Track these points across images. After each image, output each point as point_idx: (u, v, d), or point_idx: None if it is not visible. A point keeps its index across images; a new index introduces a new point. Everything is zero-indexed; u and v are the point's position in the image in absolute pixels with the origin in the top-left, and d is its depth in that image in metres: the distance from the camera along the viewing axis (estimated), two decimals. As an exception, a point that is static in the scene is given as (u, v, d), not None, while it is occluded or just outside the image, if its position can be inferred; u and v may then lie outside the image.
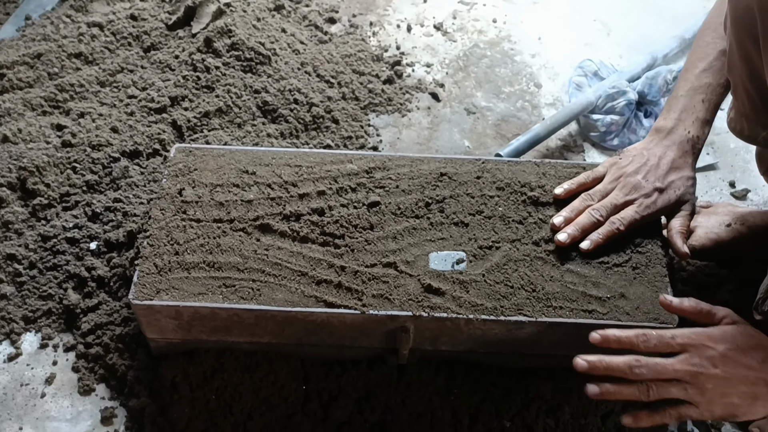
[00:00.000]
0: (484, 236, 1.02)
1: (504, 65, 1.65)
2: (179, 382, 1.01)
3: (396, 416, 1.01)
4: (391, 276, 0.98)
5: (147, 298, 0.95)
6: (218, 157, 1.11)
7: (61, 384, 1.06)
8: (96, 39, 1.49)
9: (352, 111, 1.45)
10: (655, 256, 1.02)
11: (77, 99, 1.39)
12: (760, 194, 1.41)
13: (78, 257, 1.16)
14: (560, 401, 1.02)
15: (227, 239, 1.01)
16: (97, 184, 1.25)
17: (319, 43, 1.59)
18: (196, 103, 1.37)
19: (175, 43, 1.49)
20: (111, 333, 1.08)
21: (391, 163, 1.12)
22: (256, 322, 0.96)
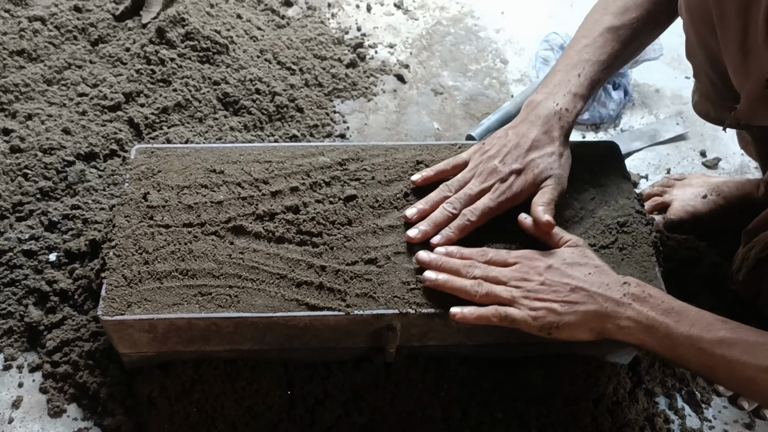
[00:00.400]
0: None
1: (468, 42, 1.61)
2: (156, 397, 0.96)
3: (385, 416, 0.98)
4: (374, 273, 0.94)
5: (117, 313, 0.89)
6: (183, 156, 1.05)
7: (29, 407, 1.00)
8: (39, 34, 1.40)
9: (316, 98, 1.40)
10: (641, 236, 1.00)
11: (23, 100, 1.31)
12: (731, 162, 1.41)
13: (37, 270, 1.09)
14: (551, 389, 1.00)
15: (199, 244, 0.95)
16: (52, 190, 1.18)
17: (277, 27, 1.52)
18: (153, 99, 1.30)
19: (125, 34, 1.41)
20: (79, 349, 1.02)
21: (365, 153, 1.07)
22: (235, 330, 0.92)
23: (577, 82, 0.98)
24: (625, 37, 0.99)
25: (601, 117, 1.45)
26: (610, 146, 1.11)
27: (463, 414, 0.99)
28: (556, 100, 0.98)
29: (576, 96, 0.98)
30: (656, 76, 1.55)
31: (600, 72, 0.99)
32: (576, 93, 0.98)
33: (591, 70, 0.98)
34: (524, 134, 0.98)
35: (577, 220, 1.02)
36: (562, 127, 0.97)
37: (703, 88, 0.97)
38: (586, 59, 0.99)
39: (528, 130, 0.98)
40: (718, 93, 0.93)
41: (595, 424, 1.00)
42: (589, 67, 0.98)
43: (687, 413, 1.05)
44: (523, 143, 0.97)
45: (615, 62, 1.00)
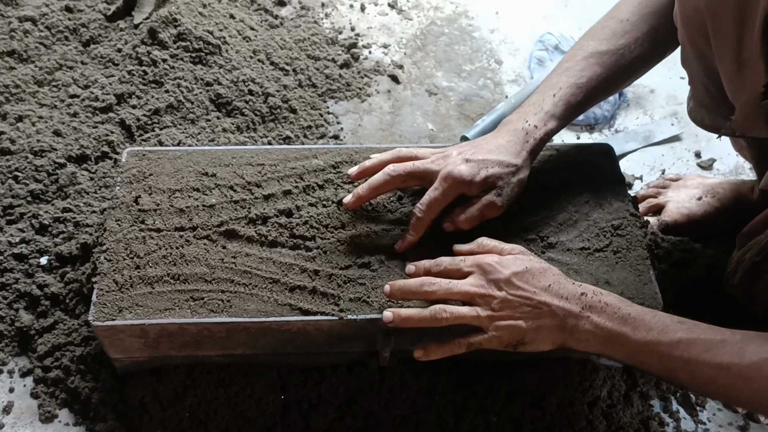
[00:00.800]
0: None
1: (463, 42, 1.60)
2: (148, 402, 0.96)
3: (379, 421, 0.98)
4: (368, 277, 0.94)
5: (109, 318, 0.88)
6: (174, 159, 1.04)
7: (20, 412, 0.99)
8: (29, 34, 1.39)
9: (309, 99, 1.39)
10: (635, 239, 1.00)
11: (13, 101, 1.29)
12: (726, 163, 1.41)
13: (28, 274, 1.08)
14: (545, 392, 1.00)
15: (191, 249, 0.95)
16: (43, 193, 1.16)
17: (270, 28, 1.51)
18: (145, 100, 1.29)
19: (117, 35, 1.40)
20: (71, 354, 1.01)
21: (358, 155, 1.06)
22: (228, 335, 0.91)
23: (551, 102, 0.96)
24: (609, 62, 0.98)
25: (596, 118, 1.45)
26: (605, 149, 1.11)
27: (458, 418, 0.99)
28: (527, 119, 0.96)
29: (548, 114, 0.96)
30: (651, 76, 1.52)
31: (578, 94, 0.97)
32: (548, 111, 0.96)
33: (567, 91, 0.97)
34: (488, 140, 0.97)
35: (571, 223, 1.01)
36: (527, 141, 0.95)
37: (699, 95, 0.97)
38: (564, 81, 0.98)
39: (493, 138, 0.97)
40: (714, 101, 0.92)
41: (590, 427, 0.99)
42: (566, 88, 0.97)
43: (682, 416, 1.04)
44: (484, 145, 0.96)
45: (597, 86, 0.98)
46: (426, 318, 0.85)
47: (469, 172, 0.92)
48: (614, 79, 1.00)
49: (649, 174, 1.38)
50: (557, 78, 0.99)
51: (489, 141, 0.96)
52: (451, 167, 0.93)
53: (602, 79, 0.98)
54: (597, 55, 0.98)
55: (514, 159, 0.94)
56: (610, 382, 1.03)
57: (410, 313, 0.86)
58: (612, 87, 1.03)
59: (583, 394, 1.01)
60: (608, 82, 0.99)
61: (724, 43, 0.81)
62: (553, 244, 0.98)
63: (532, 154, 0.96)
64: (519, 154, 0.95)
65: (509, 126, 0.97)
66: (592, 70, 0.98)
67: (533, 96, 1.00)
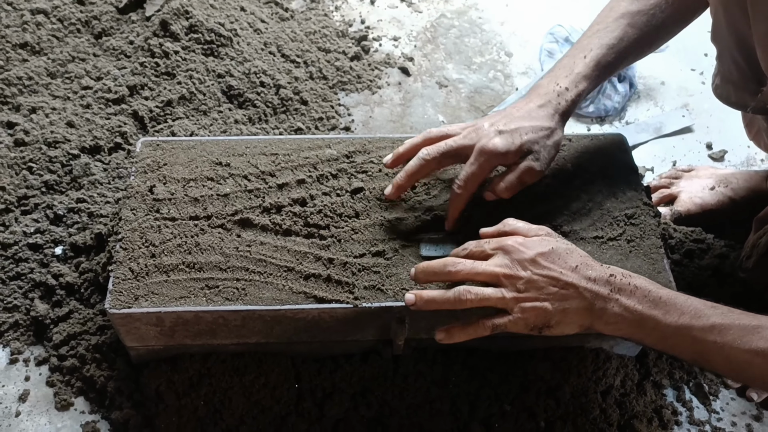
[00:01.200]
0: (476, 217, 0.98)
1: (473, 35, 1.60)
2: (164, 391, 0.96)
3: (394, 409, 0.98)
4: (382, 265, 0.94)
5: (125, 306, 0.88)
6: (188, 149, 1.04)
7: (36, 400, 1.00)
8: (42, 27, 1.39)
9: (320, 91, 1.40)
10: (648, 227, 1.00)
11: (27, 93, 1.30)
12: (738, 154, 1.41)
13: (43, 264, 1.09)
14: (560, 381, 1.00)
15: (206, 237, 0.95)
16: (57, 184, 1.17)
17: (281, 20, 1.51)
18: (157, 92, 1.30)
19: (129, 27, 1.40)
20: (86, 343, 1.01)
21: (371, 145, 1.07)
22: (243, 323, 0.91)
23: (582, 63, 0.95)
24: (641, 22, 0.97)
25: (606, 110, 1.45)
26: (618, 138, 1.11)
27: (471, 407, 0.99)
28: (557, 81, 0.95)
29: (579, 75, 0.95)
30: (662, 68, 1.54)
31: (609, 55, 0.96)
32: (579, 72, 0.95)
33: (598, 52, 0.95)
34: (520, 107, 0.95)
35: (585, 212, 1.01)
36: (559, 104, 0.94)
37: (726, 70, 0.96)
38: (594, 43, 0.96)
39: (524, 104, 0.95)
40: (743, 76, 0.91)
41: (604, 416, 1.00)
42: (597, 49, 0.96)
43: (695, 405, 1.04)
44: (515, 113, 0.94)
45: (628, 47, 0.97)
46: (449, 299, 0.83)
47: (504, 143, 0.91)
48: (646, 40, 0.99)
49: (661, 165, 1.38)
50: (588, 40, 0.97)
51: (520, 107, 0.95)
52: (485, 140, 0.91)
53: (634, 40, 0.97)
54: (628, 16, 0.97)
55: (547, 122, 0.93)
56: (624, 371, 1.03)
57: (433, 295, 0.84)
58: (644, 48, 1.01)
59: (596, 383, 1.01)
60: (640, 42, 0.98)
61: (760, 11, 0.80)
62: (567, 233, 0.98)
63: (565, 115, 0.95)
64: (552, 117, 0.93)
65: (540, 90, 0.96)
66: (623, 31, 0.96)
67: (564, 59, 0.98)
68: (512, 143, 0.91)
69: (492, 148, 0.90)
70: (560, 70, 0.97)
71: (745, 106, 0.96)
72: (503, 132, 0.91)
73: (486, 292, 0.82)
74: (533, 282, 0.80)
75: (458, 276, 0.84)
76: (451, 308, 0.83)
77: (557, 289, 0.80)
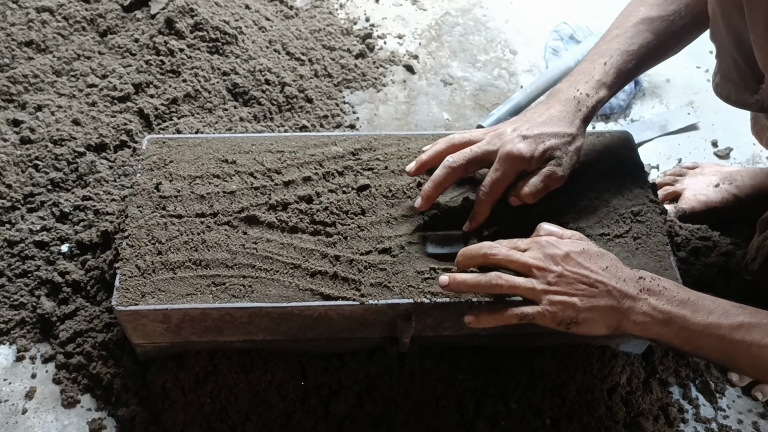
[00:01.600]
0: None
1: (477, 33, 1.60)
2: (170, 387, 0.96)
3: (399, 407, 0.98)
4: (388, 263, 0.94)
5: (131, 303, 0.89)
6: (194, 146, 1.04)
7: (42, 398, 1.00)
8: (47, 25, 1.40)
9: (325, 89, 1.40)
10: (655, 225, 1.00)
11: (32, 91, 1.30)
12: (743, 152, 1.40)
13: (49, 261, 1.09)
14: (565, 379, 1.00)
15: (212, 234, 0.95)
16: (63, 181, 1.17)
17: (286, 18, 1.51)
18: (162, 90, 1.30)
19: (134, 25, 1.41)
20: (92, 340, 1.02)
21: (377, 143, 1.07)
22: (249, 320, 0.91)
23: (602, 70, 0.96)
24: (660, 29, 0.97)
25: (611, 107, 1.44)
26: (624, 136, 1.10)
27: (477, 404, 0.99)
28: (578, 87, 0.96)
29: (599, 82, 0.95)
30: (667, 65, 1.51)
31: (629, 61, 0.96)
32: (599, 80, 0.95)
33: (619, 59, 0.96)
34: (541, 112, 0.96)
35: (591, 209, 1.01)
36: (579, 110, 0.94)
37: (725, 69, 0.96)
38: (614, 48, 0.97)
39: (545, 110, 0.96)
40: (742, 75, 0.92)
41: (609, 413, 1.00)
42: (617, 56, 0.96)
43: (701, 403, 1.04)
44: (537, 118, 0.95)
45: (648, 53, 0.97)
46: (481, 283, 0.84)
47: (528, 148, 0.91)
48: (664, 46, 0.99)
49: (666, 163, 1.38)
50: (607, 45, 0.98)
51: (541, 113, 0.95)
52: (509, 146, 0.92)
53: (653, 46, 0.97)
54: (647, 22, 0.97)
55: (568, 128, 0.94)
56: (630, 369, 1.03)
57: (466, 278, 0.85)
58: (662, 53, 1.01)
59: (602, 380, 1.01)
60: (659, 48, 0.98)
61: (756, 11, 0.80)
62: (573, 230, 0.98)
63: (585, 122, 0.96)
64: (573, 123, 0.94)
65: (560, 95, 0.96)
66: (643, 37, 0.97)
67: (583, 63, 0.99)
68: (536, 149, 0.92)
69: (516, 153, 0.91)
70: (580, 75, 0.97)
71: (745, 104, 0.96)
72: (527, 137, 0.92)
73: (517, 281, 0.83)
74: (564, 277, 0.81)
75: (493, 259, 0.85)
76: (481, 292, 0.86)
77: (586, 287, 0.81)
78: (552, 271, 0.82)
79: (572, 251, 0.83)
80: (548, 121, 0.94)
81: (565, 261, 0.82)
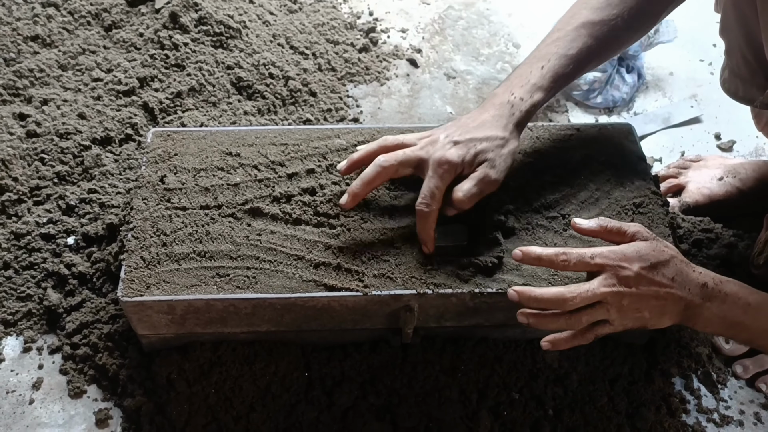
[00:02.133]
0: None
1: (481, 26, 1.60)
2: (175, 379, 0.97)
3: (402, 398, 0.99)
4: (392, 254, 0.94)
5: (137, 294, 0.89)
6: (199, 139, 1.05)
7: (49, 388, 1.01)
8: (52, 19, 1.40)
9: (329, 82, 1.40)
10: (657, 217, 1.00)
11: (38, 85, 1.31)
12: (747, 145, 1.40)
13: (55, 254, 1.10)
14: (567, 369, 1.01)
15: (217, 226, 0.96)
16: (69, 174, 1.18)
17: (289, 12, 1.52)
18: (167, 83, 1.30)
19: (138, 20, 1.41)
20: (98, 332, 1.03)
21: (380, 135, 1.07)
22: (253, 311, 0.92)
23: (538, 74, 0.95)
24: (601, 33, 0.97)
25: (614, 100, 1.45)
26: (626, 128, 1.11)
27: (480, 395, 0.99)
28: (513, 91, 0.95)
29: (534, 86, 0.95)
30: (670, 58, 1.54)
31: (567, 65, 0.96)
32: (535, 83, 0.95)
33: (556, 63, 0.95)
34: (473, 117, 0.95)
35: (593, 201, 1.02)
36: (512, 114, 0.94)
37: (734, 65, 0.96)
38: (553, 52, 0.96)
39: (479, 114, 0.95)
40: (751, 71, 0.92)
41: (611, 404, 1.00)
42: (554, 59, 0.96)
43: (703, 393, 1.05)
44: (470, 123, 0.94)
45: (586, 57, 0.97)
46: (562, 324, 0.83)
47: (459, 153, 0.91)
48: (604, 49, 0.99)
49: (669, 156, 1.38)
50: (546, 49, 0.98)
51: (474, 117, 0.95)
52: (440, 152, 0.91)
53: (592, 51, 0.97)
54: (589, 26, 0.97)
55: (500, 132, 0.93)
56: (632, 360, 1.03)
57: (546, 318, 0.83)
58: (601, 57, 1.02)
59: (604, 371, 1.02)
60: (598, 53, 0.98)
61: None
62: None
63: (519, 126, 0.95)
64: (506, 127, 0.94)
65: (495, 99, 0.96)
66: (583, 42, 0.96)
67: (521, 67, 0.98)
68: (467, 153, 0.91)
69: (449, 159, 0.90)
70: (516, 79, 0.97)
71: (753, 100, 0.96)
72: (458, 143, 0.92)
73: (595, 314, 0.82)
74: (636, 297, 0.82)
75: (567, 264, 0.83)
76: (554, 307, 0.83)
77: (656, 301, 0.83)
78: (624, 295, 0.81)
79: (642, 267, 0.82)
80: (480, 126, 0.93)
81: (637, 282, 0.82)
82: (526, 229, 0.97)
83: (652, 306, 0.82)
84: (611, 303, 0.82)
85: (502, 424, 0.98)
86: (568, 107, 1.46)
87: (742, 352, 1.07)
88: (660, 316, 0.84)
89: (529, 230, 0.97)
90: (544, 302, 0.82)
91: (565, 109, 1.45)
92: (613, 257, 0.83)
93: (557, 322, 0.83)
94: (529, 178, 1.03)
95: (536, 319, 0.83)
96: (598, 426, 0.98)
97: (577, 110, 1.45)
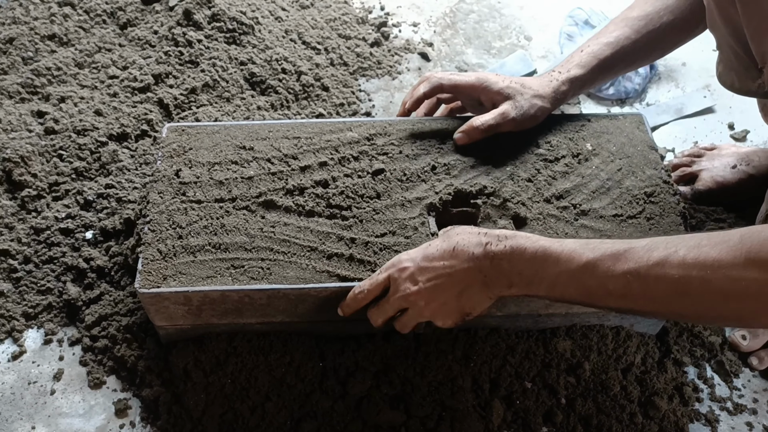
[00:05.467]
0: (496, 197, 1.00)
1: (492, 19, 1.60)
2: (192, 369, 0.99)
3: (416, 387, 1.00)
4: (403, 245, 0.95)
5: (154, 286, 0.91)
6: (213, 134, 1.07)
7: (69, 379, 1.03)
8: (69, 18, 1.43)
9: (341, 77, 1.41)
10: (668, 205, 1.00)
11: (56, 83, 1.34)
12: (760, 134, 1.40)
13: (74, 248, 1.12)
14: (580, 359, 1.01)
15: (231, 219, 0.97)
16: (87, 170, 1.21)
17: (301, 8, 1.53)
18: (182, 80, 1.32)
19: (153, 17, 1.43)
20: (117, 324, 1.05)
21: (392, 128, 1.08)
22: (268, 302, 0.94)
23: (578, 56, 1.06)
24: (638, 26, 1.05)
25: (627, 91, 1.44)
26: (637, 118, 1.11)
27: (493, 384, 1.00)
28: (554, 69, 1.07)
29: (571, 63, 1.05)
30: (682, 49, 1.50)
31: (605, 50, 1.05)
32: (572, 61, 1.06)
33: (595, 48, 1.05)
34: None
35: (604, 190, 1.02)
36: (551, 82, 1.05)
37: (727, 59, 0.96)
38: (593, 41, 1.07)
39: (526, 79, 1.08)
40: (742, 63, 0.92)
41: (624, 393, 1.00)
42: (594, 45, 1.05)
43: (716, 382, 1.05)
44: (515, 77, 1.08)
45: (626, 46, 1.05)
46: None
47: (497, 78, 1.05)
48: (645, 43, 1.05)
49: (682, 146, 1.38)
50: (588, 41, 1.07)
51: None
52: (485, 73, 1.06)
53: (631, 41, 1.05)
54: (627, 19, 1.06)
55: (535, 86, 1.05)
56: (644, 349, 1.03)
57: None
58: (644, 52, 1.07)
59: (617, 360, 1.02)
60: (638, 45, 1.05)
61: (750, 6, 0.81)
62: (586, 211, 0.99)
63: (555, 92, 1.05)
64: (541, 85, 1.05)
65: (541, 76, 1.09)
66: (621, 31, 1.05)
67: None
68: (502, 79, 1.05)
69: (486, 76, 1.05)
70: (560, 64, 1.08)
71: (749, 91, 0.96)
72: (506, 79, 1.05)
73: (409, 319, 0.89)
74: (427, 291, 0.85)
75: (364, 303, 0.91)
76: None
77: (449, 287, 0.84)
78: (412, 293, 0.86)
79: (417, 263, 0.85)
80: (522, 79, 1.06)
81: (420, 274, 0.85)
82: (537, 219, 0.98)
83: (447, 293, 0.84)
84: (412, 305, 0.87)
85: (515, 413, 0.99)
86: (580, 99, 1.46)
87: (760, 346, 1.06)
88: (465, 298, 0.84)
89: (540, 220, 0.98)
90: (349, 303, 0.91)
91: (577, 101, 1.45)
92: (394, 262, 0.88)
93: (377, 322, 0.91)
94: (540, 168, 1.03)
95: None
96: (610, 414, 0.99)
97: (589, 102, 1.45)
